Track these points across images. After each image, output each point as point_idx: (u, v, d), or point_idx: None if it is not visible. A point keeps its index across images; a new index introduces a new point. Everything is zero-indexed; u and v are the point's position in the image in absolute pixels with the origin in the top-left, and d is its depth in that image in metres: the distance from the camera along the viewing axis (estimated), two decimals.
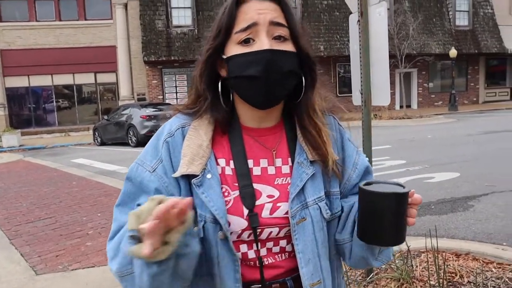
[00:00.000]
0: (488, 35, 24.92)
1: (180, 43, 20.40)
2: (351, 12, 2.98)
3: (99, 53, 21.19)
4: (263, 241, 0.97)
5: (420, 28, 22.01)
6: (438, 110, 22.31)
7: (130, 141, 14.38)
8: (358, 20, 2.72)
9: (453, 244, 3.74)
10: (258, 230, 0.95)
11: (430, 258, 3.12)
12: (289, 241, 0.98)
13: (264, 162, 0.99)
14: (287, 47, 0.94)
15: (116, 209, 0.98)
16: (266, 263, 0.97)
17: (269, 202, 0.96)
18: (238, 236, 0.95)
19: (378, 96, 2.79)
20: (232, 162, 0.98)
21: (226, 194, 0.95)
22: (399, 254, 3.24)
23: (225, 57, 0.95)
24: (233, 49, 0.94)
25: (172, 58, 20.30)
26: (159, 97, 21.13)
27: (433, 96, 25.54)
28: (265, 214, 0.95)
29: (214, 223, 0.92)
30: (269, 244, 0.98)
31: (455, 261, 3.24)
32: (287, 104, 1.03)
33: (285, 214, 0.96)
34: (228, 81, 0.97)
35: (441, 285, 2.69)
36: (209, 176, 0.94)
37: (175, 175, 0.94)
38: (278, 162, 1.00)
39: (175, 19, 20.47)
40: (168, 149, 0.97)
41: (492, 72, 27.25)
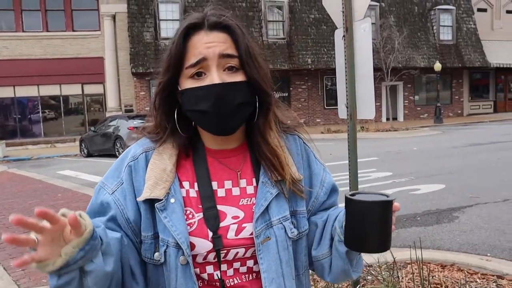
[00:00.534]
0: (471, 50, 25.50)
1: None
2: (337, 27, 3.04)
3: (87, 64, 21.09)
4: (230, 262, 0.97)
5: (406, 42, 22.41)
6: (424, 123, 22.64)
7: (117, 153, 14.27)
8: (344, 35, 2.78)
9: (439, 255, 3.79)
10: (224, 252, 0.95)
11: (416, 270, 3.15)
12: (256, 261, 0.98)
13: (229, 184, 1.00)
14: (238, 78, 0.93)
15: None
16: (232, 284, 0.97)
17: (234, 223, 0.96)
18: (204, 258, 0.95)
19: (363, 110, 2.84)
20: (196, 185, 0.98)
21: (191, 217, 0.95)
22: (385, 266, 3.27)
23: (180, 90, 0.96)
24: (186, 83, 0.95)
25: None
26: (147, 109, 20.89)
27: (419, 109, 25.93)
28: (231, 235, 0.95)
29: (176, 248, 0.92)
30: (236, 265, 0.97)
31: (441, 272, 3.28)
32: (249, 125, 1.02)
33: (251, 235, 0.96)
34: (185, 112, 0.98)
35: None
36: (173, 201, 0.94)
37: (139, 199, 0.95)
38: (243, 183, 1.00)
39: (164, 31, 20.52)
40: (130, 173, 0.98)
41: (476, 86, 27.83)
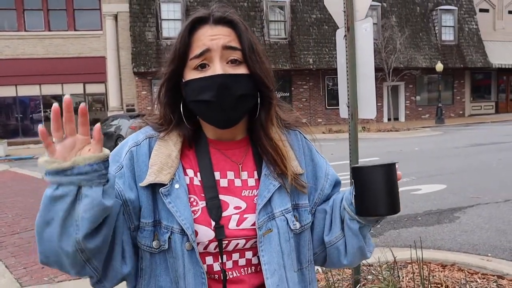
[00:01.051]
0: (473, 50, 25.44)
1: None
2: (339, 27, 3.05)
3: (89, 64, 21.10)
4: (229, 253, 0.97)
5: (407, 43, 22.39)
6: (425, 123, 22.61)
7: None
8: (345, 35, 2.78)
9: (439, 255, 3.79)
10: (225, 242, 0.95)
11: (416, 269, 3.15)
12: (255, 253, 0.98)
13: (231, 175, 1.00)
14: (241, 70, 0.95)
15: None
16: (231, 277, 0.97)
17: (236, 214, 0.97)
18: (205, 248, 0.95)
19: (365, 109, 2.84)
20: (199, 174, 0.98)
21: (195, 204, 0.96)
22: (386, 265, 3.27)
23: (184, 81, 0.98)
24: (190, 74, 0.96)
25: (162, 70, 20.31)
26: (148, 108, 21.06)
27: (420, 109, 25.90)
28: (232, 226, 0.96)
29: (181, 234, 0.92)
30: (235, 256, 0.98)
31: (441, 272, 3.29)
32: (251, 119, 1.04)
33: (252, 226, 0.97)
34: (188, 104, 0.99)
35: None
36: (177, 186, 0.94)
37: (143, 184, 0.94)
38: (244, 175, 1.01)
39: (165, 31, 20.54)
40: (132, 158, 0.98)
41: (478, 86, 27.76)
